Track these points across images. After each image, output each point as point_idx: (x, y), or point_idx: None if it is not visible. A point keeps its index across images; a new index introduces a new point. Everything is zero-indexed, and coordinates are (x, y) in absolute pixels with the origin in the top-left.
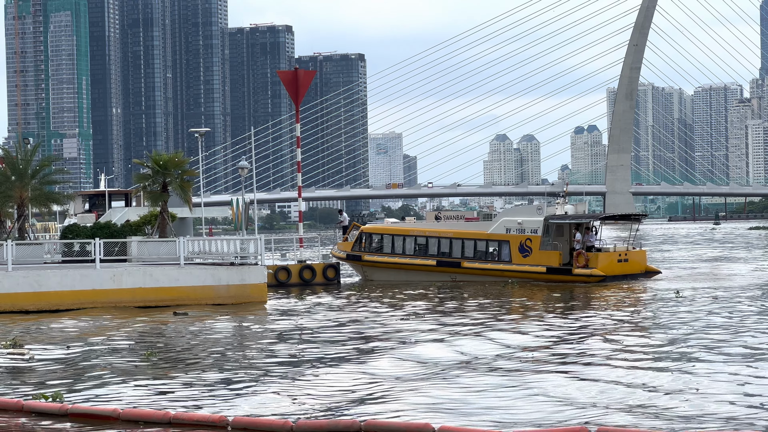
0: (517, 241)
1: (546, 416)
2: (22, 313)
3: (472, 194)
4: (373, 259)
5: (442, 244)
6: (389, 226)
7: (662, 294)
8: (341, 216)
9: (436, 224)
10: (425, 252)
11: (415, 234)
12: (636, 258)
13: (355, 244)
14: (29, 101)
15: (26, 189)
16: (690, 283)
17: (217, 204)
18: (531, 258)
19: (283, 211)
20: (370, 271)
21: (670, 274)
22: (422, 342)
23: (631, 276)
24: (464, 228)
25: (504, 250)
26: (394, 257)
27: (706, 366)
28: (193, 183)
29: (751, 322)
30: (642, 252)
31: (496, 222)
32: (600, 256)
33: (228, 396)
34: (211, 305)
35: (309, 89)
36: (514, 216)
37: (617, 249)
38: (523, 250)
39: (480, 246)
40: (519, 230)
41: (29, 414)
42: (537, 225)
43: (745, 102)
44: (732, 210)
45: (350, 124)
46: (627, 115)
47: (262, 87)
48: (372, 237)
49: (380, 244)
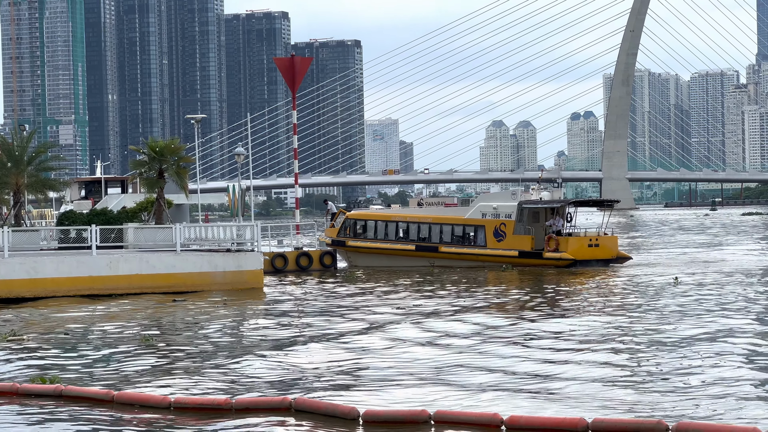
0: (492, 226)
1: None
2: (19, 300)
3: (468, 180)
4: (356, 245)
5: (421, 229)
6: (372, 212)
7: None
8: (327, 205)
9: (418, 210)
10: (406, 237)
11: (397, 220)
12: (607, 243)
13: (340, 230)
14: (25, 88)
15: (22, 176)
16: (661, 269)
17: (214, 190)
18: (505, 242)
19: (279, 197)
20: (354, 256)
21: (642, 259)
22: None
23: (602, 261)
24: (443, 213)
25: (480, 235)
26: (377, 243)
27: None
28: (189, 169)
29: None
30: (613, 237)
31: (473, 207)
32: (570, 240)
33: (225, 379)
34: (208, 292)
35: (305, 76)
36: (490, 201)
37: (588, 234)
38: (497, 234)
39: (457, 231)
40: (494, 215)
41: (25, 396)
42: (511, 210)
43: (742, 88)
44: (728, 196)
45: (347, 110)
46: (623, 101)
47: (258, 73)
48: (356, 223)
49: (364, 230)
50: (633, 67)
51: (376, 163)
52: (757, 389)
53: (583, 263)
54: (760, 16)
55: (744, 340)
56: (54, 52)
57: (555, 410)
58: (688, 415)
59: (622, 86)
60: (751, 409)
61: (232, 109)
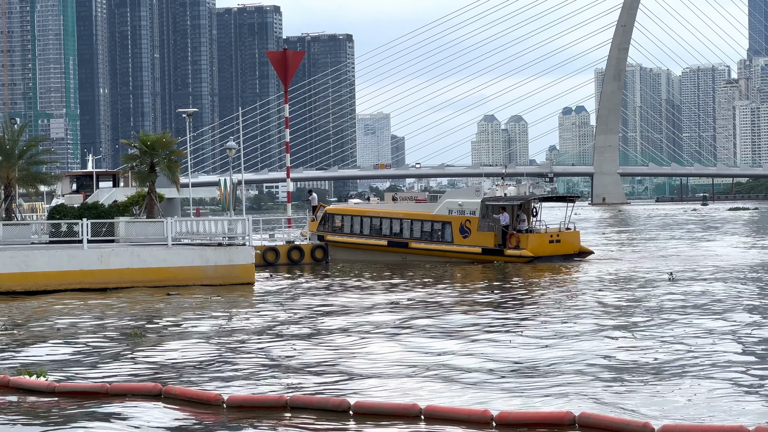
0: (458, 223)
1: None
2: (9, 293)
3: (459, 175)
4: (333, 239)
5: (393, 224)
6: (348, 207)
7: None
8: (310, 196)
9: (393, 205)
10: (379, 232)
11: (371, 215)
12: (569, 239)
13: (320, 224)
14: (16, 81)
15: (13, 169)
16: (615, 265)
17: (205, 184)
18: (470, 239)
19: (271, 191)
20: (332, 250)
21: (604, 254)
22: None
23: (564, 256)
24: (414, 209)
25: (447, 231)
26: (353, 237)
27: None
28: (180, 163)
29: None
30: (575, 233)
31: (440, 204)
32: (530, 237)
33: (220, 374)
34: (199, 286)
35: (297, 70)
36: (456, 198)
37: (548, 230)
38: (463, 231)
39: (426, 227)
40: (459, 212)
41: (16, 390)
42: (475, 207)
43: (733, 83)
44: (719, 191)
45: (338, 104)
46: (615, 96)
47: (249, 67)
48: (334, 218)
49: (341, 224)
50: (624, 62)
51: (368, 157)
52: (741, 387)
53: (544, 259)
54: (752, 11)
55: (728, 338)
56: (45, 45)
57: (543, 406)
58: (672, 415)
59: (613, 81)
60: (736, 408)
61: (224, 103)
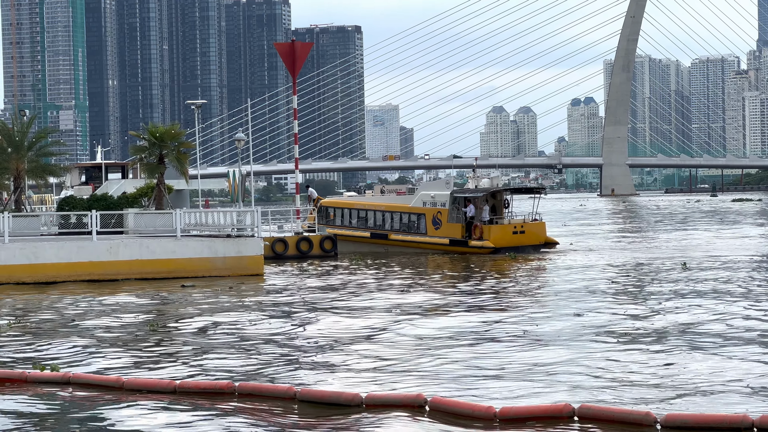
0: (431, 214)
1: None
2: (19, 284)
3: (467, 166)
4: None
5: (376, 217)
6: (340, 200)
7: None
8: (309, 190)
9: (380, 198)
10: (365, 224)
11: (358, 207)
12: (534, 230)
13: (317, 217)
14: (25, 73)
15: (23, 161)
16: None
17: (214, 176)
18: (441, 230)
19: (279, 182)
20: None
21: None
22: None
23: (529, 247)
24: (394, 202)
25: (421, 223)
26: (342, 229)
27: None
28: (189, 155)
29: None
30: (541, 224)
31: (416, 196)
32: (493, 228)
33: (232, 364)
34: (208, 277)
35: (305, 61)
36: (429, 190)
37: (512, 221)
38: (435, 222)
39: (403, 219)
40: (432, 204)
41: (33, 384)
42: (445, 199)
43: (743, 74)
44: (728, 182)
45: (347, 96)
46: (624, 87)
47: (258, 59)
48: (328, 210)
49: (334, 216)
50: (633, 53)
51: (377, 148)
52: (744, 377)
53: (507, 250)
54: (761, 1)
55: (725, 325)
56: (54, 37)
57: (544, 398)
58: (675, 405)
59: (622, 72)
60: (739, 398)
61: (233, 95)
